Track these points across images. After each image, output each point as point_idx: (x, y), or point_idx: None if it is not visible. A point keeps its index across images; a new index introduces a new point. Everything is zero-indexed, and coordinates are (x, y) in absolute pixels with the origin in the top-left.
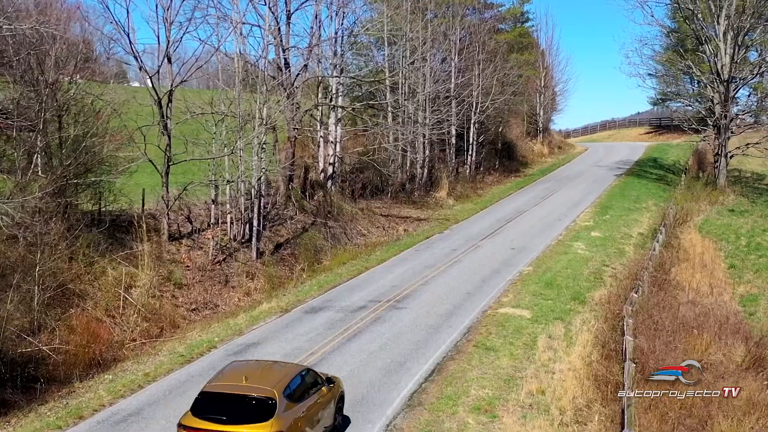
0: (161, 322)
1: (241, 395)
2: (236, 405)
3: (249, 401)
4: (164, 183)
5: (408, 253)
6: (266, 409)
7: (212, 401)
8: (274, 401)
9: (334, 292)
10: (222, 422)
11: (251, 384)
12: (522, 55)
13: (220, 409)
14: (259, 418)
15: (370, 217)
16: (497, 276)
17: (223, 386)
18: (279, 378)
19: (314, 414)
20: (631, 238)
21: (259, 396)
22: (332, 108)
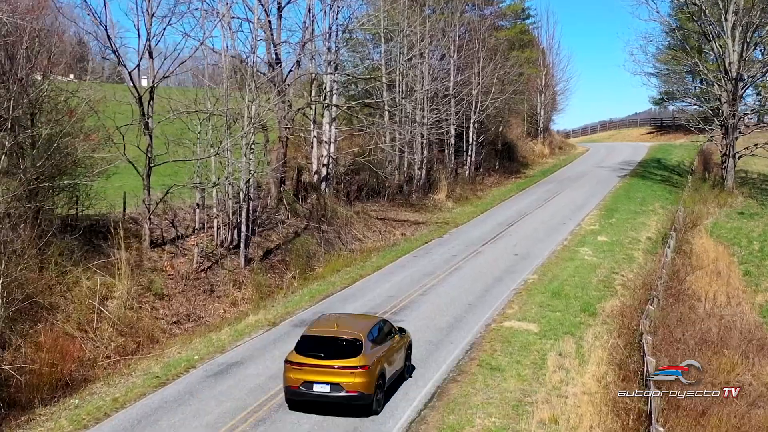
0: (139, 337)
1: (334, 337)
2: (331, 345)
3: (341, 342)
4: (145, 186)
5: (405, 259)
6: (355, 348)
7: (311, 342)
8: (360, 342)
9: (326, 303)
10: (320, 358)
11: (342, 330)
12: (523, 52)
13: (318, 348)
14: (349, 354)
15: (365, 220)
16: (500, 285)
17: (320, 331)
18: (363, 326)
19: (390, 355)
20: (640, 243)
21: (349, 338)
22: (326, 107)
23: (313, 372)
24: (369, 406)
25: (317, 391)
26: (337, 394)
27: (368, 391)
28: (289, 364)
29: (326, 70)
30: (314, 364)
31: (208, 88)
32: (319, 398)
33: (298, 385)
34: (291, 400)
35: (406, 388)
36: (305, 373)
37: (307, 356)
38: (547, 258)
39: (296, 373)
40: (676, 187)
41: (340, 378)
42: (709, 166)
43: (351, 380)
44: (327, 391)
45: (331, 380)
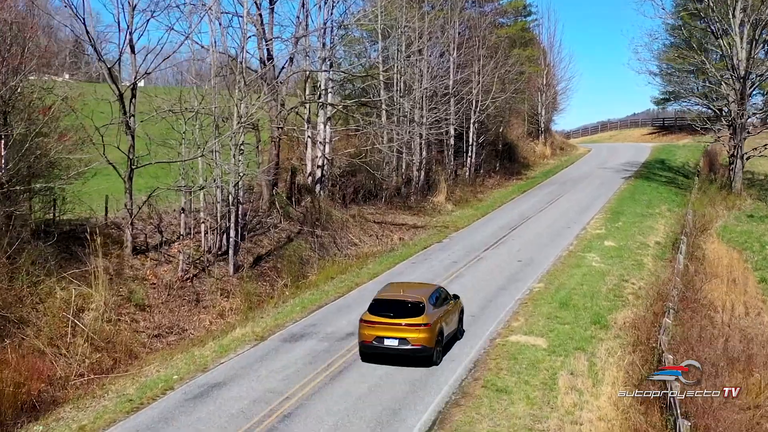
0: (116, 352)
1: (402, 300)
2: (399, 306)
3: (407, 304)
4: (127, 189)
5: (403, 266)
6: (418, 309)
7: (382, 304)
8: (423, 304)
9: (319, 315)
10: (390, 317)
11: (407, 294)
12: (525, 50)
13: (388, 309)
14: (414, 314)
15: (362, 224)
16: (504, 294)
17: (389, 295)
18: (424, 291)
19: (447, 317)
20: (649, 248)
21: (413, 301)
22: (321, 106)
23: (384, 328)
24: (430, 357)
25: (387, 345)
26: (404, 347)
27: (430, 345)
28: (363, 322)
29: (321, 67)
30: (385, 322)
31: (194, 86)
32: (389, 351)
33: (371, 339)
34: (364, 353)
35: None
36: (377, 329)
37: (379, 316)
38: (553, 264)
39: (369, 329)
40: (682, 189)
41: (407, 334)
42: (715, 168)
43: (416, 335)
44: (396, 345)
45: (399, 335)
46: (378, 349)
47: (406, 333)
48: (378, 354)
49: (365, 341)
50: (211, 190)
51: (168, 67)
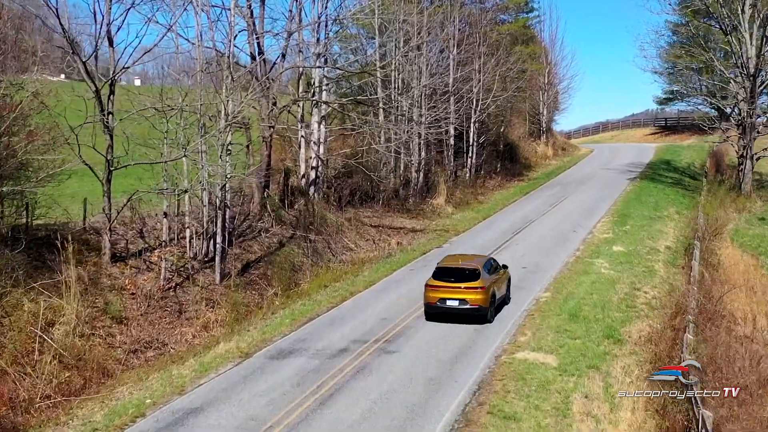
0: (87, 371)
1: (460, 268)
2: (458, 273)
3: (464, 270)
4: (105, 192)
5: (401, 273)
6: (475, 275)
7: (444, 271)
8: (479, 271)
9: (310, 328)
10: (451, 281)
11: (464, 263)
12: (527, 47)
13: (449, 275)
14: (471, 279)
15: (358, 228)
16: (509, 305)
17: (450, 264)
18: (479, 261)
19: (497, 283)
20: (659, 253)
21: (471, 268)
22: (315, 104)
23: (447, 291)
24: (485, 316)
25: (449, 305)
26: (464, 307)
27: (485, 305)
28: (429, 287)
29: (315, 63)
30: (447, 286)
31: (177, 83)
32: (450, 310)
33: (435, 301)
34: (428, 313)
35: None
36: (441, 292)
37: (442, 281)
38: (560, 271)
39: (434, 292)
40: (689, 191)
41: (466, 295)
42: (722, 169)
43: (473, 297)
44: (456, 305)
45: (459, 297)
46: (441, 309)
47: (465, 295)
48: (440, 313)
49: (430, 302)
50: (198, 193)
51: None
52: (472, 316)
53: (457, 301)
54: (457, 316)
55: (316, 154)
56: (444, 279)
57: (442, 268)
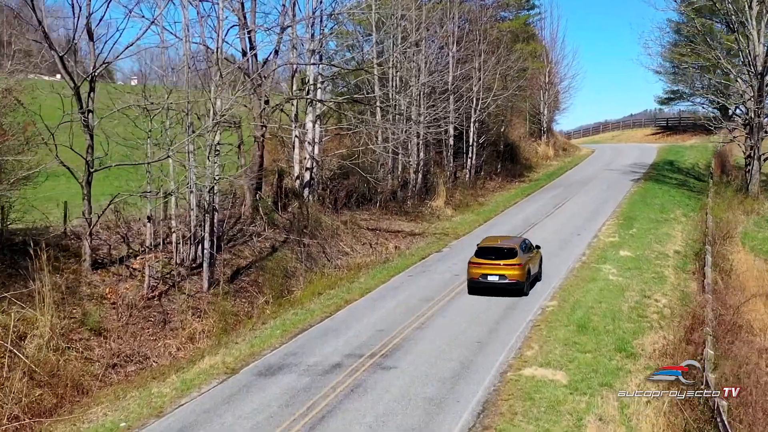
0: (61, 388)
1: (499, 247)
2: (498, 251)
3: (503, 249)
4: (85, 195)
5: (399, 279)
6: (513, 253)
7: (485, 250)
8: (516, 250)
9: (302, 340)
10: (492, 259)
11: (502, 243)
12: (528, 45)
13: (490, 253)
14: (510, 257)
15: (354, 231)
16: (514, 315)
17: (489, 244)
18: (516, 241)
19: (532, 261)
20: (668, 258)
21: (509, 247)
22: (309, 102)
23: (488, 268)
24: (522, 289)
25: (490, 280)
26: (503, 282)
27: (522, 280)
28: (472, 263)
29: (309, 60)
30: (488, 263)
31: (163, 80)
32: (491, 284)
33: (477, 276)
34: (471, 287)
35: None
36: (482, 269)
37: (483, 259)
38: (565, 278)
39: (476, 269)
40: (694, 192)
41: (505, 271)
42: (727, 169)
43: (512, 272)
44: (497, 280)
45: (499, 273)
46: (482, 284)
47: (504, 271)
48: (482, 287)
49: (473, 278)
50: (185, 196)
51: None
52: (511, 290)
53: (497, 277)
54: (497, 289)
55: (310, 154)
56: (485, 257)
57: (483, 248)
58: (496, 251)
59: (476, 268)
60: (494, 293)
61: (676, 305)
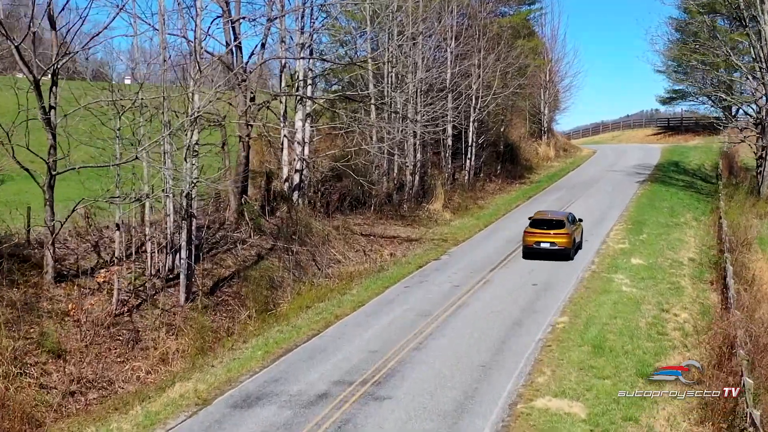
0: (9, 421)
1: (549, 219)
2: (548, 222)
3: (553, 221)
4: (47, 200)
5: (395, 291)
6: (561, 224)
7: (537, 221)
8: (563, 221)
9: (285, 363)
10: (544, 229)
11: (552, 216)
12: (530, 41)
13: (542, 224)
14: (559, 227)
15: (346, 237)
16: (521, 333)
17: (540, 216)
18: (563, 214)
19: (576, 232)
20: (683, 267)
21: (557, 219)
22: (299, 100)
23: (540, 236)
24: (568, 254)
25: (543, 246)
26: (553, 248)
27: (569, 247)
28: (527, 232)
29: (299, 54)
30: (541, 232)
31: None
32: (543, 250)
33: (531, 243)
34: (526, 253)
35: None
36: (536, 237)
37: (536, 228)
38: (575, 289)
39: (531, 237)
40: (703, 194)
41: (555, 239)
42: (735, 171)
43: (560, 240)
44: (548, 246)
45: (550, 240)
46: (535, 249)
47: (554, 239)
48: (535, 252)
49: (528, 245)
50: (160, 200)
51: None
52: (559, 255)
53: (548, 244)
54: (548, 254)
55: (300, 155)
56: (538, 227)
57: (536, 220)
58: (547, 222)
59: (530, 237)
60: (546, 258)
61: (697, 320)
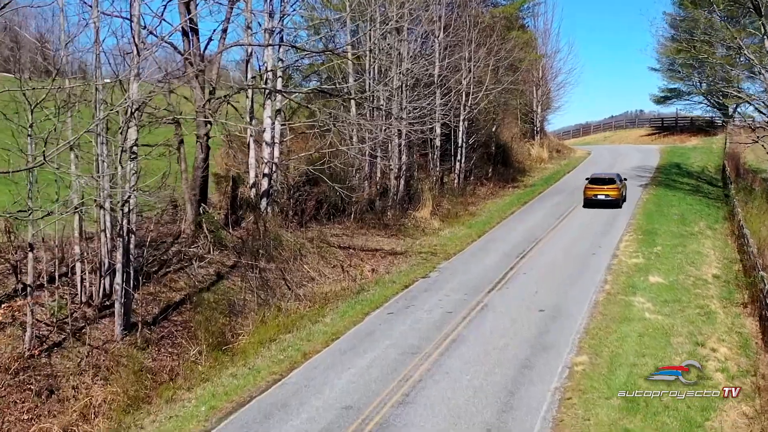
0: None
1: (603, 177)
2: (602, 180)
3: (605, 179)
4: None
5: (376, 318)
6: (612, 181)
7: (595, 179)
8: (614, 179)
9: (233, 426)
10: (600, 184)
11: (605, 175)
12: (525, 33)
13: (598, 182)
14: (611, 183)
15: (322, 251)
16: (532, 377)
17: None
18: (613, 174)
19: (623, 188)
20: (708, 286)
21: (609, 177)
22: (268, 94)
23: (597, 190)
24: (619, 203)
25: (599, 198)
26: (607, 199)
27: (619, 198)
28: (587, 188)
29: (267, 41)
30: (598, 187)
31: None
32: (600, 201)
33: (591, 196)
34: (586, 202)
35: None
36: (594, 191)
37: (594, 185)
38: (589, 316)
39: (590, 191)
40: (711, 199)
41: (609, 192)
42: (741, 173)
43: (612, 193)
44: (603, 197)
45: (605, 193)
46: (594, 200)
47: (608, 192)
48: (594, 202)
49: (588, 197)
50: (91, 214)
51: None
52: (612, 204)
53: (603, 195)
54: (603, 203)
55: (269, 157)
56: (595, 184)
57: (594, 178)
58: (602, 180)
59: (590, 191)
60: (602, 206)
61: (739, 357)
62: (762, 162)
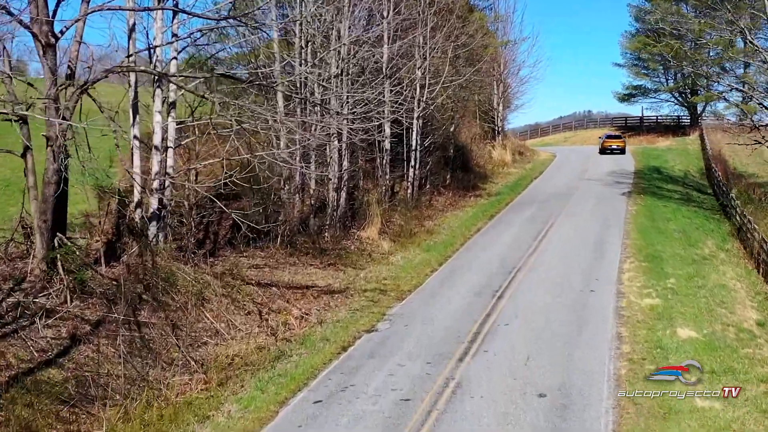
0: None
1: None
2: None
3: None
4: None
5: (294, 413)
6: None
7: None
8: (621, 136)
9: None
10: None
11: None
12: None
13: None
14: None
15: (234, 291)
16: None
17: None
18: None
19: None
20: (758, 342)
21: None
22: (156, 81)
23: (611, 143)
24: (623, 151)
25: (612, 148)
26: (618, 148)
27: (624, 147)
28: (604, 141)
29: (155, 5)
30: (611, 140)
31: None
32: (612, 150)
33: (606, 147)
34: (602, 151)
35: None
36: (609, 143)
37: (608, 139)
38: (614, 405)
39: (606, 143)
40: (707, 210)
41: (618, 143)
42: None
43: (621, 144)
44: (614, 147)
45: (615, 144)
46: (608, 149)
47: (618, 143)
48: (608, 151)
49: (603, 148)
50: None
51: None
52: (620, 152)
53: (615, 146)
54: (613, 151)
55: (159, 167)
56: (610, 138)
57: (608, 135)
58: (613, 136)
59: (606, 143)
60: (613, 153)
61: None
62: (747, 165)
